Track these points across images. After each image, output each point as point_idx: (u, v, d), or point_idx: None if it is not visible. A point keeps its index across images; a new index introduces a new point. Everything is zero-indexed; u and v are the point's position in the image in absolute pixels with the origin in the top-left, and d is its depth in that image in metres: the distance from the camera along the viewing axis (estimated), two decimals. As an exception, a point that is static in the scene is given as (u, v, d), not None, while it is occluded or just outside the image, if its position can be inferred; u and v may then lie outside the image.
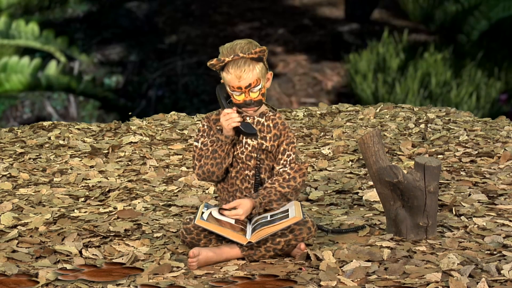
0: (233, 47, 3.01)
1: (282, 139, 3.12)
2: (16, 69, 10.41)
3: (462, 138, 5.33)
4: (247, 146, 3.10)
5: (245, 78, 2.98)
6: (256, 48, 2.99)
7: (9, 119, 10.51)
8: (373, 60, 10.70)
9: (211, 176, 3.08)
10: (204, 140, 3.10)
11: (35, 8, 10.86)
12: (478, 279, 2.66)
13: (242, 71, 2.98)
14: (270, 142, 3.11)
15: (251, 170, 3.10)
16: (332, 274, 2.76)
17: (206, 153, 3.07)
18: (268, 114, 3.12)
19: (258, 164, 3.10)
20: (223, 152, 3.04)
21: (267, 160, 3.12)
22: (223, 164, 3.06)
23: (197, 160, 3.09)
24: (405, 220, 3.16)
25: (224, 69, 3.01)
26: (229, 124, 3.00)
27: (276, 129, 3.12)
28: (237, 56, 2.97)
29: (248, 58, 2.98)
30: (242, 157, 3.09)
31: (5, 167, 4.80)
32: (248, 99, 3.02)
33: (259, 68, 3.00)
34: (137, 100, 10.89)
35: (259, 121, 3.11)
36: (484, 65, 10.47)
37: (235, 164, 3.10)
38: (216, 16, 11.43)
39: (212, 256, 2.95)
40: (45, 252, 3.11)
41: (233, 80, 3.00)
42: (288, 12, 11.51)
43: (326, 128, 5.84)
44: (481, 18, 10.50)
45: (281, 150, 3.11)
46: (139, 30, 11.23)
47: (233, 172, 3.11)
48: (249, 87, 3.00)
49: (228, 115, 3.00)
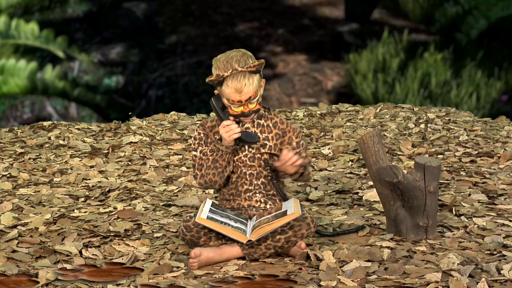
0: (228, 60, 3.01)
1: (290, 135, 3.14)
2: (13, 72, 10.41)
3: (462, 138, 5.33)
4: (250, 149, 3.12)
5: (246, 92, 3.00)
6: (254, 62, 3.01)
7: (9, 119, 10.51)
8: (373, 60, 10.70)
9: (214, 185, 3.11)
10: (203, 149, 3.11)
11: (35, 8, 10.86)
12: (478, 279, 2.66)
13: (243, 85, 2.99)
14: (273, 141, 3.12)
15: (254, 170, 3.11)
16: (332, 274, 2.76)
17: (207, 162, 3.08)
18: (265, 114, 3.14)
19: (267, 160, 3.10)
20: (224, 161, 3.06)
21: (270, 160, 3.13)
22: (224, 173, 3.08)
23: (198, 170, 3.10)
24: (405, 220, 3.16)
25: (223, 84, 3.01)
26: (230, 136, 3.01)
27: (277, 129, 3.13)
28: (236, 71, 2.98)
29: (246, 72, 2.99)
30: (245, 160, 3.11)
31: (5, 167, 4.80)
32: (247, 110, 3.04)
33: (257, 80, 3.02)
34: (137, 100, 10.90)
35: (258, 123, 3.12)
36: (484, 65, 10.46)
37: (236, 170, 3.12)
38: (216, 16, 11.43)
39: (213, 256, 2.95)
40: (45, 252, 3.11)
41: (233, 94, 3.00)
42: (288, 12, 11.50)
43: (326, 128, 5.84)
44: (480, 18, 10.50)
45: (294, 145, 3.14)
46: (139, 30, 11.23)
47: (234, 177, 3.13)
48: (249, 100, 3.01)
49: (228, 127, 3.01)
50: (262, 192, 3.13)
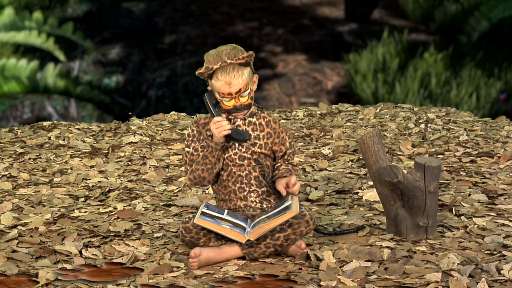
0: (219, 54, 3.02)
1: (283, 135, 3.15)
2: (14, 72, 10.41)
3: (462, 138, 5.33)
4: (240, 147, 3.11)
5: (235, 84, 3.00)
6: (243, 54, 3.01)
7: (9, 119, 10.52)
8: (373, 60, 10.70)
9: (202, 181, 3.09)
10: (195, 145, 3.11)
11: (35, 8, 10.86)
12: (478, 279, 2.66)
13: (232, 77, 3.00)
14: (264, 140, 3.12)
15: (244, 170, 3.11)
16: (332, 274, 2.76)
17: (197, 158, 3.08)
18: (258, 112, 3.15)
19: (257, 160, 3.11)
20: (214, 158, 3.06)
21: (261, 159, 3.13)
22: (213, 170, 3.07)
23: (188, 165, 3.11)
24: (405, 220, 3.16)
25: (213, 77, 3.02)
26: (220, 132, 3.02)
27: (269, 128, 3.14)
28: (225, 63, 2.99)
29: (236, 64, 3.00)
30: (234, 158, 3.10)
31: (5, 167, 4.81)
32: (238, 104, 3.04)
33: (247, 73, 3.03)
34: (137, 100, 10.90)
35: (250, 121, 3.12)
36: (484, 65, 10.47)
37: (225, 168, 3.11)
38: (216, 16, 11.43)
39: (213, 256, 2.95)
40: (45, 252, 3.11)
41: (223, 87, 3.01)
42: (288, 12, 11.51)
43: (326, 128, 5.84)
44: (482, 19, 10.50)
45: (287, 145, 3.16)
46: (139, 30, 11.23)
47: (224, 175, 3.12)
48: (239, 93, 3.02)
49: (218, 123, 3.01)
50: (256, 191, 3.11)
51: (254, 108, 3.15)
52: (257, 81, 3.11)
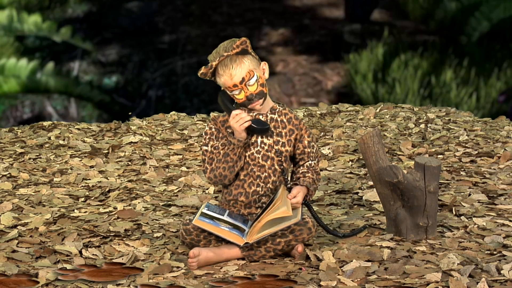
0: (217, 50, 3.00)
1: (302, 132, 3.09)
2: (14, 71, 10.41)
3: (462, 138, 5.33)
4: (263, 145, 3.05)
5: (236, 74, 2.96)
6: (236, 42, 2.99)
7: (9, 119, 10.51)
8: (373, 60, 10.70)
9: (223, 179, 3.03)
10: (214, 143, 3.05)
11: (35, 7, 10.86)
12: (478, 279, 2.66)
13: (231, 68, 2.96)
14: (286, 137, 3.07)
15: (264, 172, 3.05)
16: (332, 274, 2.76)
17: (218, 156, 3.02)
18: (279, 109, 3.09)
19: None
20: (235, 156, 2.99)
21: (284, 162, 3.08)
22: (235, 168, 3.01)
23: (208, 164, 3.04)
24: (405, 220, 3.16)
25: (216, 75, 3.01)
26: (241, 125, 2.95)
27: (291, 124, 3.09)
28: (222, 57, 2.97)
29: (233, 55, 2.98)
30: (257, 156, 3.05)
31: (5, 167, 4.81)
32: (249, 94, 2.98)
33: (247, 61, 2.98)
34: (137, 100, 10.90)
35: (272, 118, 3.08)
36: (484, 65, 10.46)
37: (246, 166, 3.05)
38: (216, 16, 11.43)
39: (212, 257, 2.95)
40: (45, 252, 3.11)
41: (227, 81, 2.98)
42: (288, 12, 11.51)
43: (326, 128, 5.84)
44: (482, 19, 10.50)
45: (305, 143, 3.10)
46: (139, 30, 11.23)
47: (242, 175, 3.05)
48: (244, 81, 2.97)
49: (237, 116, 2.95)
50: (269, 196, 3.06)
51: (275, 104, 3.11)
52: (267, 68, 3.05)
